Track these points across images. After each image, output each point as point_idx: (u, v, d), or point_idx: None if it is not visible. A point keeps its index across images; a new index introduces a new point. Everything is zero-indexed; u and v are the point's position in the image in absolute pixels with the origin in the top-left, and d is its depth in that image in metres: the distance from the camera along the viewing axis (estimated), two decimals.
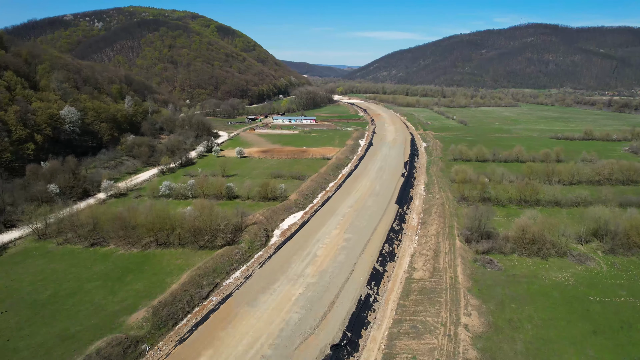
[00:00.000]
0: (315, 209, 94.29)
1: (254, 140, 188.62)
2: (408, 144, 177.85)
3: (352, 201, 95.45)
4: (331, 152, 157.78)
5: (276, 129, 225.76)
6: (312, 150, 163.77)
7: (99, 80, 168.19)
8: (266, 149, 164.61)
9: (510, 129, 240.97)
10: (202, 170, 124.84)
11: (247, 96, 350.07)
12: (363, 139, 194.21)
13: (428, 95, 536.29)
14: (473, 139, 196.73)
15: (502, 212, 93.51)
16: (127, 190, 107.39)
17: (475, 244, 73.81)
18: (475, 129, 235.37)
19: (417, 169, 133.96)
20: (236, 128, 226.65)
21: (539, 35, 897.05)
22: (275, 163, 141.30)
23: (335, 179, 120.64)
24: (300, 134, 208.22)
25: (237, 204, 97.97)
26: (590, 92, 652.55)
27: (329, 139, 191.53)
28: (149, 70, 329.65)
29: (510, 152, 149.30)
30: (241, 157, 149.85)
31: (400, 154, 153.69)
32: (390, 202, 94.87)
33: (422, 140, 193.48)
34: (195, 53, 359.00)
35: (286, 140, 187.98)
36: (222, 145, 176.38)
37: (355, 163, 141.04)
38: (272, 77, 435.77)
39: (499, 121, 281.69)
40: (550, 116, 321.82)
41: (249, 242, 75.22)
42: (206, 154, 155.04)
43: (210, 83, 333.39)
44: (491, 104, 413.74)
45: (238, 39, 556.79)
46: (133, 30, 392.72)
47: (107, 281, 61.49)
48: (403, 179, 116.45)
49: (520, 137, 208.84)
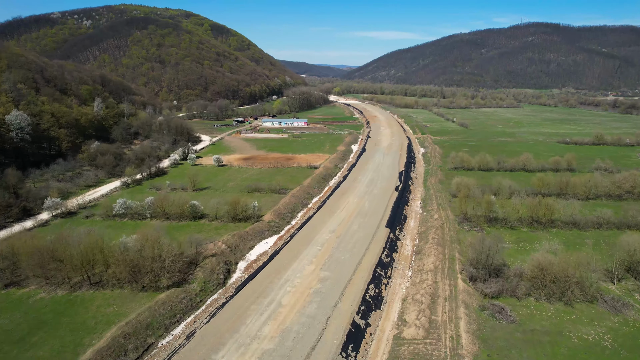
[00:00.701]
0: (291, 232, 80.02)
1: (238, 145, 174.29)
2: (404, 150, 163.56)
3: (335, 224, 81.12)
4: (319, 160, 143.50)
5: (264, 132, 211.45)
6: (298, 157, 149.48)
7: (68, 81, 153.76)
8: (249, 156, 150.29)
9: (514, 132, 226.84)
10: (170, 183, 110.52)
11: (238, 97, 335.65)
12: (356, 144, 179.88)
13: (427, 95, 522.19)
14: (475, 144, 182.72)
15: (511, 237, 79.37)
16: (78, 208, 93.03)
17: (482, 284, 59.60)
18: (477, 133, 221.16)
19: (413, 181, 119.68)
20: (221, 132, 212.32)
21: (540, 35, 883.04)
22: (256, 173, 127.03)
23: (320, 194, 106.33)
24: (289, 138, 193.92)
25: (201, 226, 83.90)
26: (593, 92, 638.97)
27: (319, 144, 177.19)
28: (135, 69, 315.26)
29: (517, 160, 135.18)
30: (219, 165, 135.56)
31: (395, 162, 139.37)
32: (380, 224, 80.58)
33: (420, 146, 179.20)
34: (185, 52, 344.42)
35: (272, 146, 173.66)
36: (202, 151, 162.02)
37: (344, 173, 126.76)
38: (266, 77, 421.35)
39: (501, 123, 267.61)
40: (554, 118, 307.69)
41: (203, 282, 60.91)
42: (182, 162, 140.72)
43: (199, 83, 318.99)
44: (492, 105, 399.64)
45: (232, 37, 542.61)
46: (121, 28, 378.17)
47: (2, 345, 47.11)
48: (397, 193, 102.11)
49: (526, 141, 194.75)
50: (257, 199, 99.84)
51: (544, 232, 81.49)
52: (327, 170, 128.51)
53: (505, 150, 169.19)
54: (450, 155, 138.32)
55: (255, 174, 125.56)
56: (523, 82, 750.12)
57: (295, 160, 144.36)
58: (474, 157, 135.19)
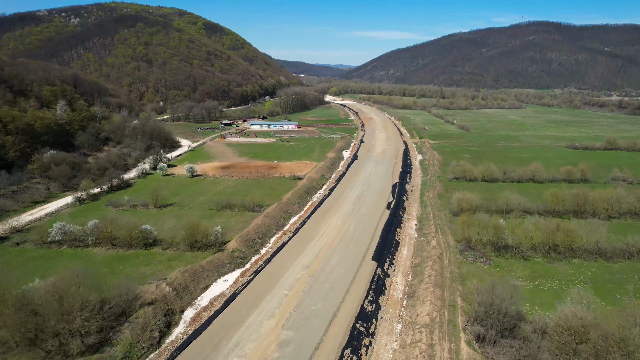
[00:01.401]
0: (258, 266, 66.03)
1: (219, 151, 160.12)
2: (400, 157, 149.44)
3: (311, 255, 67.02)
4: (305, 169, 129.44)
5: (250, 136, 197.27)
6: (283, 165, 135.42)
7: (29, 81, 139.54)
8: (228, 165, 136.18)
9: (518, 135, 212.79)
10: (129, 199, 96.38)
11: (228, 97, 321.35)
12: (348, 150, 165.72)
13: (426, 95, 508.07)
14: (477, 149, 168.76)
15: (524, 270, 65.47)
16: (10, 232, 78.93)
17: (492, 348, 45.68)
18: (479, 136, 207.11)
19: (408, 194, 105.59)
20: (205, 135, 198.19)
21: (541, 34, 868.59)
22: (232, 185, 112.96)
23: (300, 212, 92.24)
24: (277, 143, 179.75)
25: (152, 255, 69.97)
26: (596, 92, 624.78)
27: (308, 151, 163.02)
28: (121, 69, 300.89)
29: (525, 169, 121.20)
30: (193, 176, 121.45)
31: (389, 172, 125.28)
32: (366, 256, 66.51)
33: (417, 152, 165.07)
34: (173, 51, 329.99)
35: (257, 152, 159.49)
36: (178, 158, 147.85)
37: (331, 185, 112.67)
38: (259, 77, 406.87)
39: (504, 126, 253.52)
40: (560, 120, 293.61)
41: (129, 344, 46.86)
42: (152, 172, 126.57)
43: (188, 84, 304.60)
44: (494, 106, 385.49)
45: (226, 36, 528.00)
46: (108, 26, 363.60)
47: None
48: (388, 212, 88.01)
49: (532, 146, 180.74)
50: (226, 219, 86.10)
51: (564, 264, 67.58)
52: (312, 181, 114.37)
53: (510, 156, 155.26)
54: (451, 164, 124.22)
55: (230, 187, 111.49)
56: (524, 82, 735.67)
57: (278, 169, 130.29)
58: (477, 167, 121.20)
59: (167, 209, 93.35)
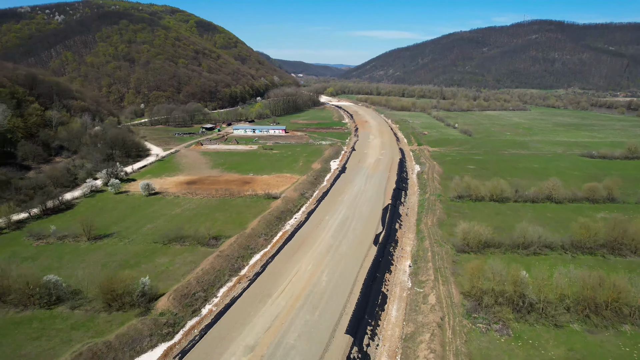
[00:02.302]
0: (189, 341, 47.64)
1: (191, 161, 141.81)
2: (395, 169, 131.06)
3: (263, 326, 48.65)
4: (283, 185, 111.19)
5: (231, 142, 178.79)
6: (259, 180, 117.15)
7: None
8: (194, 179, 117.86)
9: (525, 141, 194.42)
10: (55, 229, 77.96)
11: (215, 99, 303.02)
12: (337, 160, 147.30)
13: (426, 96, 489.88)
14: (482, 159, 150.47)
15: (557, 345, 47.45)
16: None
17: None
18: (483, 143, 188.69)
19: (402, 220, 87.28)
20: (181, 142, 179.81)
21: (544, 33, 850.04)
22: (192, 207, 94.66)
23: (264, 247, 73.88)
24: (258, 151, 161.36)
25: (53, 319, 52.21)
26: (601, 92, 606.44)
27: (292, 160, 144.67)
28: (100, 69, 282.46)
29: (541, 186, 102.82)
30: (150, 194, 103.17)
31: (381, 189, 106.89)
32: (338, 327, 48.22)
33: (415, 162, 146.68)
34: (158, 49, 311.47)
35: (233, 162, 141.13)
36: (141, 170, 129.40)
37: (310, 207, 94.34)
38: (250, 77, 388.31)
39: (509, 129, 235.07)
40: (568, 123, 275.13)
41: None
42: (104, 189, 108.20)
43: (171, 84, 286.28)
44: (497, 107, 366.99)
45: (219, 35, 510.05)
46: (90, 23, 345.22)
47: None
48: (375, 249, 69.64)
49: (542, 154, 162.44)
50: (170, 259, 67.96)
51: (611, 335, 49.41)
52: (287, 203, 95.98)
53: (519, 167, 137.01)
54: (454, 180, 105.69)
55: (190, 209, 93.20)
56: (526, 81, 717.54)
57: (252, 185, 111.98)
58: (485, 183, 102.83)
59: (102, 242, 75.14)
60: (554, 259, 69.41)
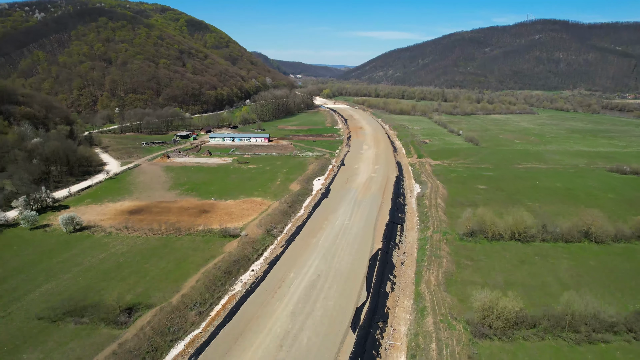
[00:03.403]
0: None
1: (148, 180, 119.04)
2: (389, 191, 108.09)
3: None
4: (249, 215, 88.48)
5: (204, 154, 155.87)
6: (221, 207, 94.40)
7: None
8: (141, 206, 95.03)
9: (539, 151, 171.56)
10: None
11: (199, 102, 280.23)
12: (321, 178, 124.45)
13: (427, 98, 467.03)
14: (493, 175, 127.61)
15: None
16: None
17: None
18: (492, 154, 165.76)
19: (396, 275, 64.41)
20: (148, 152, 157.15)
21: (548, 32, 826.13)
22: (124, 251, 71.90)
23: (190, 333, 50.93)
24: (232, 165, 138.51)
25: None
26: (609, 93, 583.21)
27: (268, 178, 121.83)
28: (73, 69, 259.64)
29: (576, 221, 79.90)
30: (74, 230, 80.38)
31: (370, 224, 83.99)
32: None
33: (415, 179, 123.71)
34: (137, 49, 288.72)
35: (198, 181, 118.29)
36: (82, 193, 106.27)
37: (275, 254, 71.46)
38: (240, 79, 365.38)
39: (519, 137, 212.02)
40: (582, 129, 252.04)
41: None
42: (19, 221, 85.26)
43: (150, 86, 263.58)
44: (502, 111, 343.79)
45: (210, 34, 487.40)
46: (67, 20, 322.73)
47: None
48: (353, 339, 46.70)
49: (563, 168, 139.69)
50: (44, 356, 45.03)
51: None
52: (246, 246, 73.13)
53: (539, 187, 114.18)
54: (465, 214, 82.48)
55: (119, 254, 70.47)
56: (530, 82, 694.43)
57: (210, 214, 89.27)
58: (503, 217, 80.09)
59: None
60: (619, 350, 46.76)
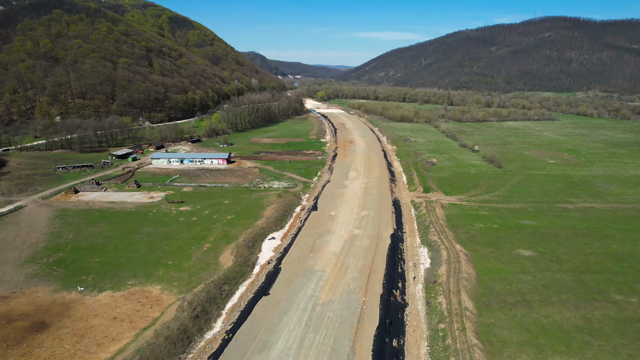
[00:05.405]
0: None
1: (11, 237, 76.46)
2: (377, 280, 65.19)
3: None
4: (108, 347, 45.79)
5: (129, 185, 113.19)
6: (78, 313, 51.98)
7: None
8: None
9: (586, 178, 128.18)
10: None
11: (163, 109, 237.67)
12: (276, 236, 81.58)
13: (430, 101, 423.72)
14: (538, 227, 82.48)
15: None
16: None
17: None
18: (524, 182, 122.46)
19: None
20: (58, 182, 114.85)
21: (558, 30, 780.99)
22: None
23: None
24: (157, 207, 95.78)
25: None
26: (627, 95, 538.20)
27: (195, 236, 78.90)
28: (10, 68, 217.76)
29: None
30: None
31: None
32: None
33: (421, 238, 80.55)
34: (92, 46, 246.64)
35: (87, 241, 75.55)
36: None
37: None
38: (219, 80, 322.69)
39: (548, 153, 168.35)
40: (621, 140, 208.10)
41: None
42: None
43: (103, 90, 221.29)
44: (518, 117, 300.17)
45: (193, 31, 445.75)
46: (17, 13, 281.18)
47: None
48: None
49: (631, 208, 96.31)
50: None
51: None
52: None
53: (615, 252, 70.25)
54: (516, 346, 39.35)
55: None
56: (540, 83, 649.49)
57: (44, 338, 46.69)
58: None
59: None
60: None
